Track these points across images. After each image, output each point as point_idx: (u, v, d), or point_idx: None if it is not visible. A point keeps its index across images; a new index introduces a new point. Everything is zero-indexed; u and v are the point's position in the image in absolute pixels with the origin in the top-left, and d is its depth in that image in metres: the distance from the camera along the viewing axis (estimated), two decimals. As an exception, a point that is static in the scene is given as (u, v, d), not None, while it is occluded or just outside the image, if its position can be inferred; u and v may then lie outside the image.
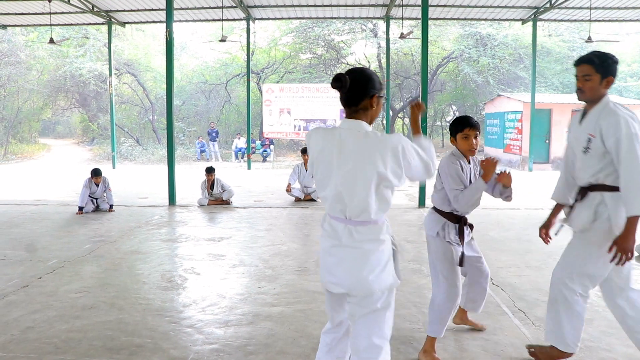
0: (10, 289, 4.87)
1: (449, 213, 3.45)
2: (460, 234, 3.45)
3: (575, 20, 17.23)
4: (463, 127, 3.44)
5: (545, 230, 3.76)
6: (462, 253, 3.41)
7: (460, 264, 3.41)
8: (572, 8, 15.11)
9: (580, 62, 3.16)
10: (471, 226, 3.58)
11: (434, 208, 3.53)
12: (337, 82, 2.41)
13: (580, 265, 3.26)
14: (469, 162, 3.50)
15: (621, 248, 2.93)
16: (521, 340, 3.70)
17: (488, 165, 3.35)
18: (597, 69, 3.04)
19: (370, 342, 2.52)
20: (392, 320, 2.59)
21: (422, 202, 9.62)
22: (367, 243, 2.46)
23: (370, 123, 2.50)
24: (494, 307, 4.36)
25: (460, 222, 3.46)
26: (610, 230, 3.04)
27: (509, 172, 3.49)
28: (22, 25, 18.63)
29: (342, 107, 2.55)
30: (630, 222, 2.90)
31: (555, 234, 3.62)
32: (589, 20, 15.04)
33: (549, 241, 3.66)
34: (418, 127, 2.83)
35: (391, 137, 2.40)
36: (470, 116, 3.55)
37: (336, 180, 2.44)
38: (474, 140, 3.42)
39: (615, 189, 3.01)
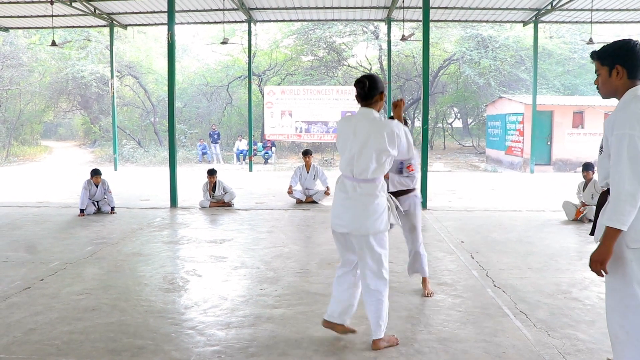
0: (13, 290, 4.88)
1: None
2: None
3: (576, 22, 17.24)
4: None
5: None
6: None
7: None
8: (574, 10, 15.11)
9: (591, 58, 2.85)
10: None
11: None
12: (361, 83, 3.52)
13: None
14: None
15: (590, 261, 2.70)
16: (523, 342, 3.70)
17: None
18: (602, 62, 2.74)
19: (375, 273, 3.54)
20: (387, 263, 3.59)
21: (423, 205, 9.57)
22: (367, 197, 3.48)
23: (378, 111, 3.57)
24: (495, 309, 4.36)
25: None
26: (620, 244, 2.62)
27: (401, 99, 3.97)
28: (24, 28, 18.70)
29: (343, 110, 3.60)
30: (606, 234, 2.60)
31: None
32: (591, 22, 15.03)
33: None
34: (402, 119, 3.80)
35: (391, 122, 3.49)
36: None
37: (351, 148, 3.50)
38: None
39: None
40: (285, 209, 9.69)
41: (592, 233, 2.95)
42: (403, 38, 15.16)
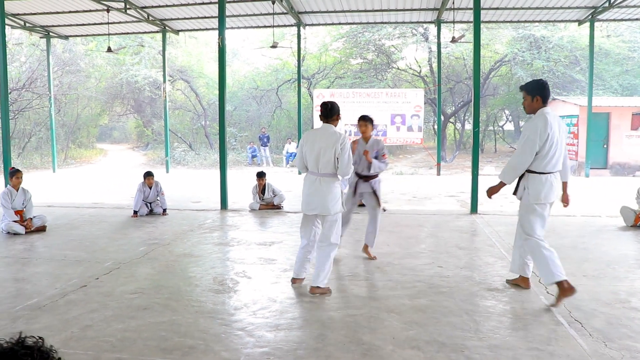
0: (70, 288, 5.05)
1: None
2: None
3: (636, 20, 16.58)
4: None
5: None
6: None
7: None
8: (634, 6, 14.52)
9: (520, 90, 4.93)
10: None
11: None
12: (322, 106, 5.14)
13: None
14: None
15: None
16: (577, 352, 3.57)
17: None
18: (528, 93, 4.75)
19: (330, 240, 4.97)
20: (339, 230, 5.08)
21: (474, 209, 9.43)
22: (327, 186, 4.93)
23: (335, 126, 5.13)
24: (548, 317, 4.24)
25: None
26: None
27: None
28: (82, 36, 19.39)
29: (392, 112, 5.59)
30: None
31: None
32: (651, 20, 14.47)
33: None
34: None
35: (341, 135, 5.01)
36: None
37: (316, 153, 4.94)
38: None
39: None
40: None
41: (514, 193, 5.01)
42: (453, 40, 14.96)
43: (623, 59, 25.41)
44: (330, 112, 5.09)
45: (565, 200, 5.10)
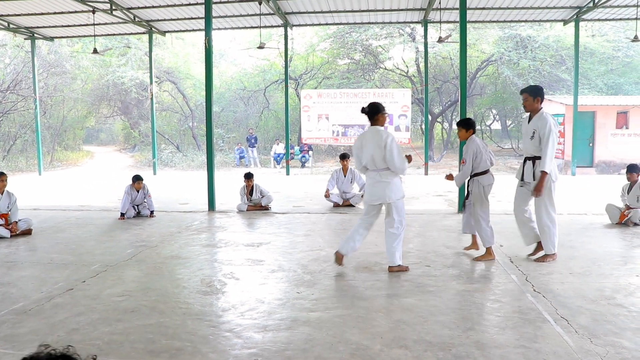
0: (56, 291, 5.01)
1: None
2: None
3: (620, 19, 16.73)
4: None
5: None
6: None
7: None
8: (617, 7, 14.67)
9: (522, 93, 6.05)
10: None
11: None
12: (363, 111, 5.58)
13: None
14: None
15: (537, 190, 5.77)
16: (564, 349, 3.60)
17: None
18: (530, 95, 5.91)
19: (398, 224, 5.53)
20: (404, 211, 5.60)
21: (461, 208, 9.45)
22: (388, 178, 5.44)
23: (382, 125, 5.61)
24: (535, 314, 4.27)
25: None
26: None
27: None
28: (67, 37, 19.25)
29: None
30: (542, 176, 5.69)
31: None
32: (636, 19, 14.59)
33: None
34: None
35: (384, 134, 5.44)
36: None
37: (369, 154, 5.45)
38: None
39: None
40: (322, 213, 9.71)
41: (522, 179, 6.08)
42: (440, 40, 15.03)
43: (608, 59, 25.65)
44: (371, 113, 5.52)
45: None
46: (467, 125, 6.38)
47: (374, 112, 5.49)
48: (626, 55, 25.44)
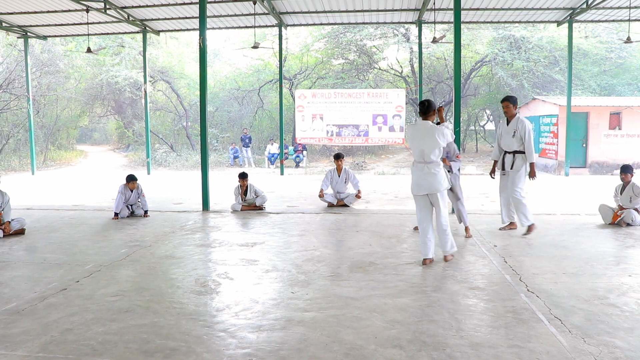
0: (50, 291, 4.99)
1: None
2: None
3: (613, 21, 16.81)
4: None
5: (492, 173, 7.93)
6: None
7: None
8: (610, 8, 14.75)
9: (504, 101, 7.51)
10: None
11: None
12: (420, 104, 6.04)
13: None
14: None
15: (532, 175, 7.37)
16: (557, 349, 3.62)
17: None
18: (511, 103, 7.45)
19: (445, 219, 5.97)
20: (446, 202, 6.05)
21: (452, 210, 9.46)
22: (433, 169, 5.85)
23: (432, 121, 5.98)
24: (529, 314, 4.29)
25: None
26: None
27: None
28: (61, 36, 19.16)
29: (374, 113, 8.84)
30: (532, 166, 7.31)
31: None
32: (629, 20, 14.70)
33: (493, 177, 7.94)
34: (443, 120, 6.48)
35: (435, 127, 5.86)
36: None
37: (419, 147, 5.89)
38: None
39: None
40: (316, 213, 9.71)
41: (503, 169, 7.63)
42: (434, 40, 15.04)
43: (601, 60, 25.78)
44: (427, 109, 5.95)
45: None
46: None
47: (430, 109, 5.94)
48: (619, 57, 25.58)
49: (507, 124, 7.50)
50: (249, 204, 9.93)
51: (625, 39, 14.29)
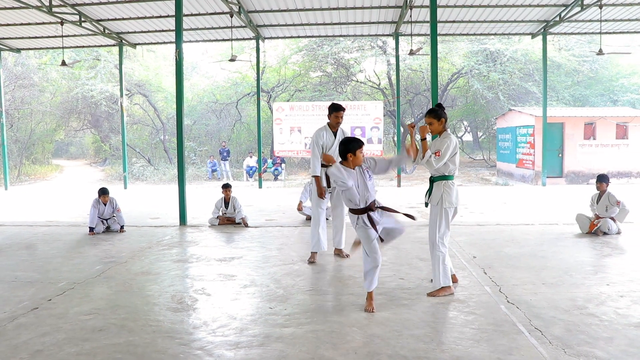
0: (20, 311, 4.84)
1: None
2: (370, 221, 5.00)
3: (585, 33, 17.13)
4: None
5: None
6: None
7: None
8: (583, 21, 15.06)
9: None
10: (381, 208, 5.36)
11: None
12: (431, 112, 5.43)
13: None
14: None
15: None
16: (539, 361, 3.59)
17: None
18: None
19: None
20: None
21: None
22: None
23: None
24: (509, 326, 4.27)
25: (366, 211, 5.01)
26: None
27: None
28: (35, 49, 18.88)
29: (352, 125, 4.80)
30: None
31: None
32: (600, 33, 14.96)
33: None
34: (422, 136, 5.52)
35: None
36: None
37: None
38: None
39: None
40: (295, 226, 9.63)
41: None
42: (411, 52, 15.15)
43: (574, 71, 26.26)
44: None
45: None
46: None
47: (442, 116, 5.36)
48: (591, 69, 26.07)
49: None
50: (229, 217, 9.81)
51: (598, 51, 14.53)
